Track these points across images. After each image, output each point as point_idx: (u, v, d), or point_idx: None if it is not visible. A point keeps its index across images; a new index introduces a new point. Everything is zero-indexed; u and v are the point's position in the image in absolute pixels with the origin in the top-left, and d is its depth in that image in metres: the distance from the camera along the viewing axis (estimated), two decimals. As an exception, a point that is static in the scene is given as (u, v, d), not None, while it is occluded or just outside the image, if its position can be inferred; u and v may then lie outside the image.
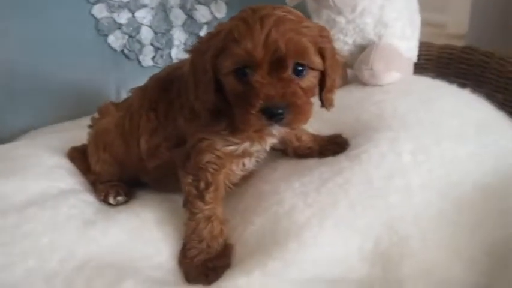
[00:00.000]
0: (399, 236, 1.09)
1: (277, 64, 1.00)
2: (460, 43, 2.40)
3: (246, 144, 1.18)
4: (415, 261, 1.06)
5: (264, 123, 1.00)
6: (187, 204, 1.20)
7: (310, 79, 1.07)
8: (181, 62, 1.28)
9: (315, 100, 1.11)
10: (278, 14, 1.01)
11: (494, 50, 2.10)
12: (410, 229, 1.10)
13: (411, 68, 1.80)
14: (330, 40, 1.11)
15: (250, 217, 1.21)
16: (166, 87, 1.26)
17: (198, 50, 1.10)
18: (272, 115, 0.99)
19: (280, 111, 0.98)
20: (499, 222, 1.11)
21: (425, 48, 1.99)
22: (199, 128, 1.16)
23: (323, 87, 1.12)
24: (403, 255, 1.07)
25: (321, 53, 1.07)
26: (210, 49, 1.05)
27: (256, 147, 1.21)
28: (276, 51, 0.98)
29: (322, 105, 1.16)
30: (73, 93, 1.94)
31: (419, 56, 1.87)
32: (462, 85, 1.64)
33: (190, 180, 1.19)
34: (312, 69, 1.06)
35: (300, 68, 1.03)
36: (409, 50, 1.79)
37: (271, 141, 1.23)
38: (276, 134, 1.19)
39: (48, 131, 1.87)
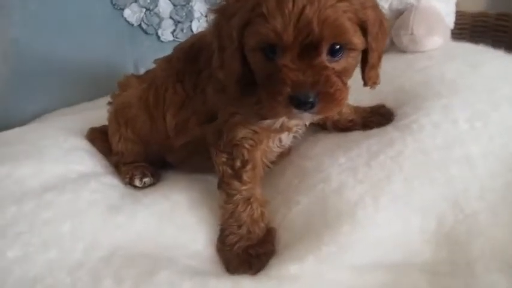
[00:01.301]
0: (465, 212, 1.00)
1: (310, 47, 0.88)
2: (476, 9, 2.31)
3: (284, 118, 1.07)
4: (485, 240, 0.96)
5: (292, 111, 0.90)
6: (222, 185, 1.11)
7: (348, 60, 0.94)
8: (208, 30, 1.15)
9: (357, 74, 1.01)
10: None
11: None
12: (477, 204, 1.01)
13: (449, 34, 1.70)
14: (374, 7, 0.97)
15: (294, 197, 1.11)
16: (193, 57, 1.17)
17: (224, 11, 0.97)
18: (301, 104, 0.88)
19: (310, 99, 0.87)
20: None
21: (457, 17, 1.89)
22: (231, 101, 1.06)
23: (365, 63, 1.00)
24: (471, 234, 0.97)
25: (364, 27, 0.93)
26: (238, 14, 0.92)
27: (295, 121, 1.10)
28: (309, 33, 0.86)
29: (365, 84, 1.05)
30: (88, 73, 1.86)
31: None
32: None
33: (224, 159, 1.10)
34: (352, 49, 0.93)
35: (337, 47, 0.90)
36: (448, 14, 1.71)
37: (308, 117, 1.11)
38: (307, 121, 1.11)
39: (64, 113, 1.80)
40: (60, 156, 1.30)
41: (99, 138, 1.43)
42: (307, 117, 1.05)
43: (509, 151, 1.09)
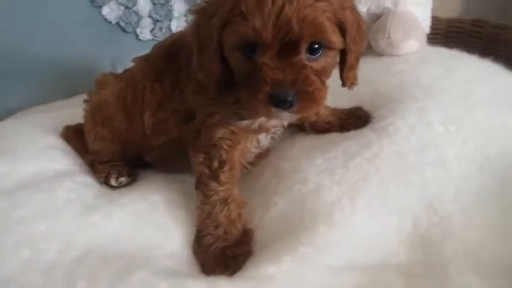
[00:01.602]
0: (440, 215, 1.01)
1: (289, 45, 0.88)
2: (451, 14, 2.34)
3: (263, 118, 1.07)
4: (458, 242, 0.97)
5: (271, 110, 0.90)
6: (199, 185, 1.11)
7: (327, 60, 0.94)
8: (187, 29, 1.14)
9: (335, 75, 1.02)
10: None
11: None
12: (451, 207, 1.02)
13: (425, 38, 1.71)
14: (353, 9, 0.98)
15: (272, 198, 1.11)
16: (172, 56, 1.16)
17: (204, 11, 0.97)
18: (280, 102, 0.88)
19: (289, 98, 0.87)
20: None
21: (432, 22, 1.91)
22: (210, 101, 1.06)
23: (344, 64, 1.00)
24: (445, 236, 0.99)
25: (342, 28, 0.94)
26: (218, 14, 0.92)
27: (273, 121, 1.10)
28: (288, 31, 0.86)
29: (343, 84, 1.05)
30: (65, 71, 1.83)
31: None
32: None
33: (201, 159, 1.10)
34: (330, 48, 0.94)
35: (316, 46, 0.91)
36: (424, 19, 1.74)
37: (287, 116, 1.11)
38: (285, 120, 1.12)
39: (39, 110, 1.76)
40: (35, 155, 1.28)
41: (74, 136, 1.42)
42: (286, 117, 1.05)
43: (483, 154, 1.10)
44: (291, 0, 0.85)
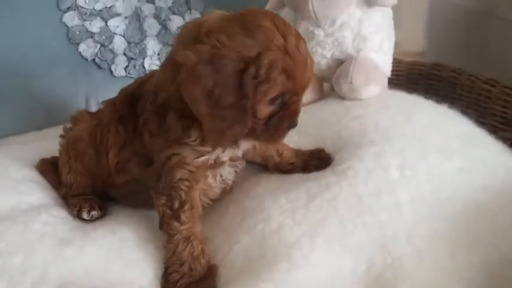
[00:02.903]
0: (392, 256, 1.05)
1: None
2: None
3: (218, 151, 1.12)
4: (410, 284, 1.00)
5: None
6: (163, 225, 1.15)
7: None
8: (150, 74, 1.21)
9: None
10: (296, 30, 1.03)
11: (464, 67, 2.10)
12: (403, 249, 1.06)
13: (386, 82, 1.78)
14: None
15: (236, 235, 1.16)
16: (133, 102, 1.20)
17: (224, 57, 0.95)
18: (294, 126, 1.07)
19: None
20: (492, 241, 1.08)
21: (395, 64, 1.98)
22: (166, 143, 1.10)
23: None
24: (397, 277, 1.02)
25: None
26: (250, 72, 0.95)
27: (229, 153, 1.15)
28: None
29: None
30: (40, 103, 1.87)
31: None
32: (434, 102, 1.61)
33: (163, 201, 1.14)
34: None
35: None
36: (385, 65, 1.77)
37: (244, 144, 1.17)
38: (241, 150, 1.18)
39: (13, 141, 1.79)
40: (11, 187, 1.31)
41: (49, 170, 1.45)
42: (243, 146, 1.14)
43: (435, 198, 1.14)
44: (306, 49, 1.01)
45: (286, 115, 1.03)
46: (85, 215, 1.29)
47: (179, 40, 1.04)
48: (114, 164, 1.25)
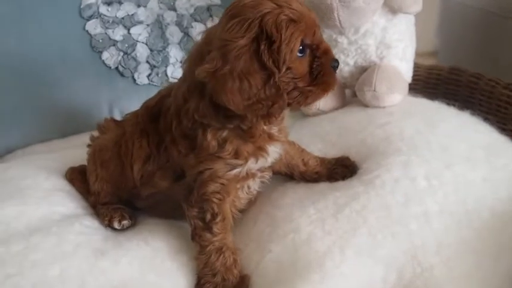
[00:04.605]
0: (422, 266, 1.06)
1: None
2: (429, 61, 2.40)
3: (250, 162, 1.14)
4: None
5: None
6: (195, 237, 1.17)
7: None
8: (169, 88, 1.22)
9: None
10: None
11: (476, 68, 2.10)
12: (433, 259, 1.07)
13: (407, 89, 1.79)
14: None
15: (267, 245, 1.17)
16: (154, 118, 1.22)
17: (232, 49, 0.98)
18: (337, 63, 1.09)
19: None
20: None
21: (413, 69, 1.98)
22: (198, 159, 1.12)
23: None
24: (427, 287, 1.04)
25: None
26: (262, 47, 0.98)
27: (260, 163, 1.16)
28: None
29: None
30: (63, 111, 1.87)
31: (409, 76, 1.86)
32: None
33: (195, 213, 1.16)
34: None
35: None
36: (407, 72, 1.78)
37: (273, 153, 1.18)
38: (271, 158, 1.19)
39: (38, 150, 1.79)
40: (41, 197, 1.31)
41: (78, 178, 1.46)
42: (273, 153, 1.17)
43: (461, 208, 1.15)
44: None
45: (322, 56, 1.04)
46: (116, 225, 1.30)
47: (190, 62, 1.10)
48: (138, 177, 1.26)
